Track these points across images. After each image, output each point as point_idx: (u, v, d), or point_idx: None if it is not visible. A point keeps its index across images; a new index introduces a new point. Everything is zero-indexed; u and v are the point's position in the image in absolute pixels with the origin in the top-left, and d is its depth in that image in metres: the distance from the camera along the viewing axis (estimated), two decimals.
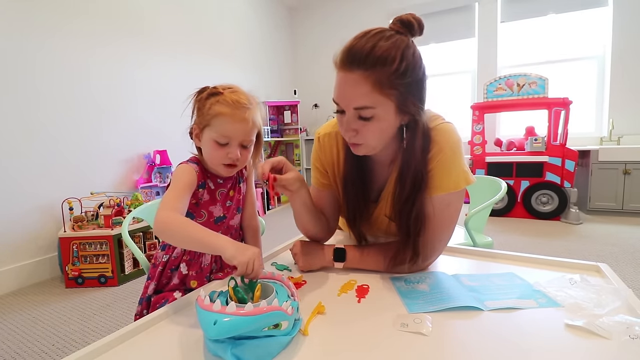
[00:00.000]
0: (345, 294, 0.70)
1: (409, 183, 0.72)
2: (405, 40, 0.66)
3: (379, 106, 0.66)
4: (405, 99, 0.67)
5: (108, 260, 2.13)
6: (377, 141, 0.72)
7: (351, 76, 0.65)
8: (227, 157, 0.79)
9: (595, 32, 3.79)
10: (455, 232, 1.61)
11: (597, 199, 3.34)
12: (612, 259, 2.26)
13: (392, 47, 0.64)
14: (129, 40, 2.84)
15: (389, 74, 0.64)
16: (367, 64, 0.63)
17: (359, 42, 0.65)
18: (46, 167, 2.29)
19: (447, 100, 4.52)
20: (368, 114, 0.67)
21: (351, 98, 0.67)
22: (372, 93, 0.65)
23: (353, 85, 0.66)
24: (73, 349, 1.48)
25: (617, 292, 0.60)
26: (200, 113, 0.80)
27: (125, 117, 2.79)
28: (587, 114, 3.90)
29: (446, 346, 0.51)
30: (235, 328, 0.45)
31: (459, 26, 4.32)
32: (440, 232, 0.77)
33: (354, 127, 0.69)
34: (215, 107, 0.77)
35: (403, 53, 0.64)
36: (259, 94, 0.88)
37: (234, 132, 0.78)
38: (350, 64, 0.65)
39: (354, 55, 0.64)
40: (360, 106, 0.66)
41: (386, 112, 0.67)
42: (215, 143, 0.78)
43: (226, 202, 0.88)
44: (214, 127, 0.78)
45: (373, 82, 0.64)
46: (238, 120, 0.77)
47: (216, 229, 0.86)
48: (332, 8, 4.98)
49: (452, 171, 0.74)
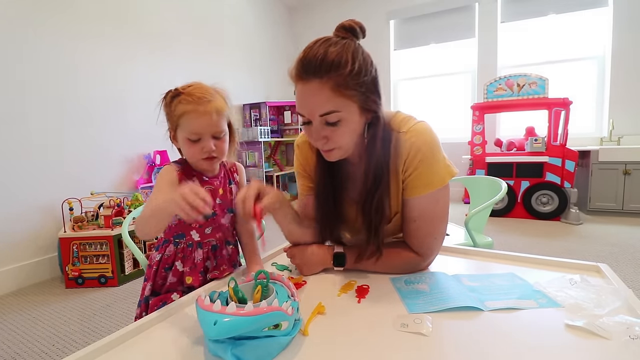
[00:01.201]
0: (345, 294, 0.70)
1: (371, 176, 0.74)
2: (352, 44, 0.69)
3: (343, 109, 0.68)
4: (366, 98, 0.69)
5: (108, 260, 2.13)
6: (349, 142, 0.73)
7: (310, 86, 0.67)
8: (202, 151, 0.82)
9: (596, 32, 3.79)
10: (455, 233, 1.63)
11: (597, 199, 3.34)
12: (612, 259, 2.26)
13: (342, 51, 0.66)
14: (129, 40, 2.84)
15: (345, 76, 0.66)
16: (322, 71, 0.65)
17: (310, 52, 0.67)
18: (46, 168, 2.29)
19: (447, 101, 4.52)
20: (334, 119, 0.68)
21: (314, 106, 0.68)
22: (334, 97, 0.67)
23: (313, 94, 0.67)
24: (73, 349, 1.48)
25: (617, 293, 0.60)
26: (169, 116, 0.83)
27: (125, 117, 2.79)
28: (587, 114, 3.90)
29: (446, 346, 0.51)
30: (235, 328, 0.45)
31: (459, 26, 4.32)
32: (434, 229, 0.78)
33: (324, 135, 0.71)
34: (179, 107, 0.80)
35: (353, 55, 0.67)
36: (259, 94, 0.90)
37: (201, 126, 0.80)
38: (306, 73, 0.67)
39: (308, 64, 0.66)
40: (325, 112, 0.68)
41: (351, 113, 0.69)
42: (188, 141, 0.81)
43: (216, 199, 0.89)
44: (182, 127, 0.81)
45: (332, 87, 0.66)
46: (202, 115, 0.79)
47: (206, 225, 0.88)
48: (332, 8, 4.99)
49: (435, 168, 0.75)
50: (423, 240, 0.78)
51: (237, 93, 4.12)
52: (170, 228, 0.88)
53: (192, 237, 0.87)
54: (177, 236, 0.87)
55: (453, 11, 4.31)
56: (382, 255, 0.78)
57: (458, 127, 4.44)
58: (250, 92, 4.32)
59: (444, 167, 0.76)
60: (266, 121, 4.16)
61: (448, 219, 0.83)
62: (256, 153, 4.02)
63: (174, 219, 0.86)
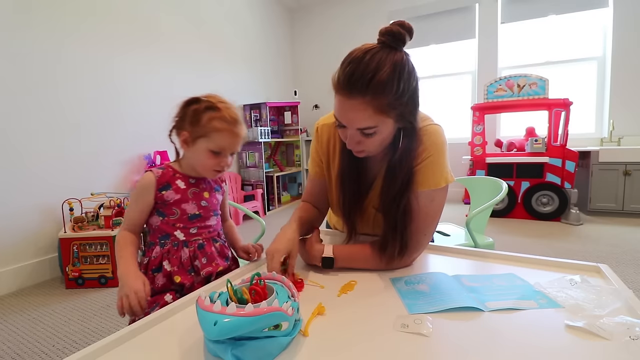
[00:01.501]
0: (345, 294, 0.70)
1: (399, 180, 0.77)
2: (400, 56, 0.69)
3: (380, 124, 0.71)
4: (403, 113, 0.72)
5: (108, 261, 2.13)
6: (379, 148, 0.77)
7: (353, 102, 0.68)
8: (219, 165, 0.87)
9: (596, 33, 3.79)
10: (456, 233, 1.63)
11: (598, 199, 3.34)
12: (613, 260, 2.26)
13: (391, 72, 0.66)
14: (129, 41, 2.84)
15: (390, 98, 0.68)
16: (369, 92, 0.66)
17: (359, 67, 0.66)
18: (46, 168, 2.29)
19: (448, 101, 4.52)
20: (370, 132, 0.72)
21: (353, 121, 0.71)
22: (374, 116, 0.69)
23: (355, 110, 0.69)
24: (73, 350, 1.48)
25: (617, 293, 0.60)
26: (196, 124, 0.85)
27: (125, 117, 2.79)
28: (587, 115, 3.90)
29: (446, 347, 0.51)
30: (235, 329, 0.45)
31: (459, 27, 4.32)
32: (424, 226, 0.82)
33: (357, 140, 0.75)
34: (215, 122, 0.83)
35: (399, 74, 0.67)
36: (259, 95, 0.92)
37: (228, 145, 0.87)
38: (351, 89, 0.67)
39: (355, 81, 0.66)
40: (363, 127, 0.71)
41: (387, 126, 0.72)
42: (210, 153, 0.86)
43: (201, 202, 0.91)
44: (211, 140, 0.85)
45: (374, 108, 0.68)
46: (233, 136, 0.86)
47: (191, 225, 0.89)
48: (333, 9, 4.99)
49: (436, 170, 0.80)
50: (411, 236, 0.80)
51: (237, 93, 4.13)
52: (155, 230, 0.89)
53: (177, 237, 0.88)
54: (162, 237, 0.88)
55: (453, 12, 4.31)
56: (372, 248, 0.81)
57: (458, 128, 4.45)
58: (250, 93, 4.32)
59: (442, 172, 0.80)
60: (266, 122, 4.16)
61: (439, 220, 0.86)
62: (256, 153, 4.02)
63: (156, 220, 0.88)
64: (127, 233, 0.87)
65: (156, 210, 0.88)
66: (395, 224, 0.79)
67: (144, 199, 0.87)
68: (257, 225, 1.42)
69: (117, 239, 0.86)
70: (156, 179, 0.87)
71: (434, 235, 1.60)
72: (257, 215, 1.43)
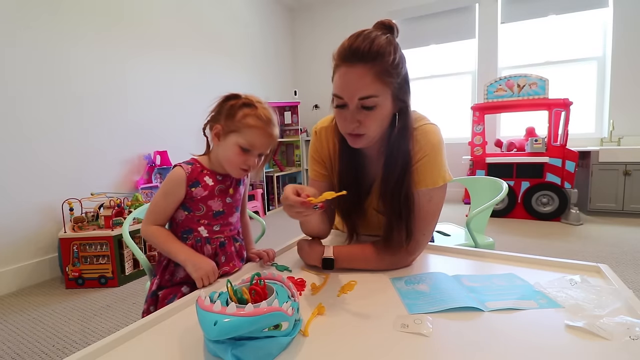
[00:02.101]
0: (345, 294, 0.70)
1: (399, 165, 0.79)
2: (393, 39, 0.76)
3: (380, 94, 0.74)
4: (401, 87, 0.77)
5: (108, 261, 2.13)
6: (377, 130, 0.78)
7: (355, 70, 0.73)
8: (245, 163, 0.87)
9: (596, 33, 3.79)
10: (456, 233, 1.63)
11: (598, 199, 3.34)
12: (613, 260, 2.26)
13: (387, 43, 0.73)
14: (129, 40, 2.84)
15: (387, 65, 0.72)
16: (369, 58, 0.71)
17: (358, 40, 0.73)
18: (46, 168, 2.29)
19: (448, 101, 4.52)
20: (371, 103, 0.74)
21: (356, 89, 0.73)
22: (375, 82, 0.72)
23: (358, 77, 0.73)
24: (73, 350, 1.48)
25: (617, 293, 0.60)
26: (230, 118, 0.85)
27: (125, 117, 2.79)
28: (587, 115, 3.90)
29: (446, 347, 0.51)
30: (235, 329, 0.45)
31: (459, 27, 4.32)
32: (423, 225, 0.82)
33: (358, 118, 0.76)
34: (249, 119, 0.84)
35: (395, 48, 0.74)
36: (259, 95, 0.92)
37: (260, 144, 0.86)
38: (354, 58, 0.72)
39: (356, 51, 0.72)
40: (365, 95, 0.73)
41: (386, 99, 0.75)
42: (239, 148, 0.85)
43: (226, 199, 0.91)
44: (243, 135, 0.85)
45: (375, 73, 0.72)
46: (266, 135, 0.86)
47: (215, 222, 0.90)
48: (333, 9, 4.99)
49: (434, 169, 0.81)
50: (414, 231, 0.81)
51: None
52: (178, 224, 0.90)
53: (200, 233, 0.88)
54: (185, 232, 0.89)
55: (453, 12, 4.31)
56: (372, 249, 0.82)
57: (458, 128, 4.45)
58: (250, 93, 4.31)
59: (441, 171, 0.82)
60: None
61: (438, 220, 0.87)
62: None
63: (181, 214, 0.89)
64: (157, 227, 0.88)
65: (182, 204, 0.88)
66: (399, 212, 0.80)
67: (175, 193, 0.87)
68: (257, 225, 1.42)
69: (152, 232, 0.87)
70: (187, 175, 0.86)
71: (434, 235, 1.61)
72: (257, 215, 1.43)
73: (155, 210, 0.88)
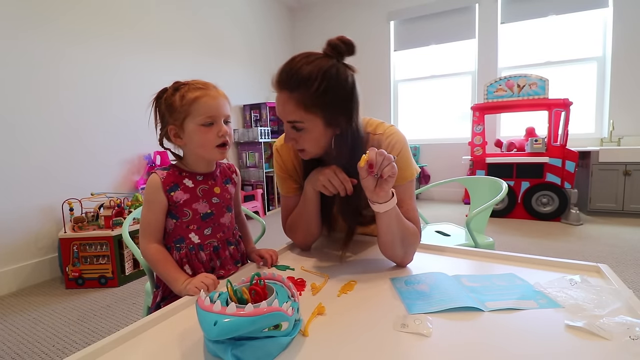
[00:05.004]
0: (345, 294, 0.70)
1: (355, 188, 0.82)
2: (329, 63, 0.76)
3: (306, 121, 0.77)
4: (330, 115, 0.77)
5: (108, 261, 2.13)
6: (314, 148, 0.82)
7: (281, 96, 0.78)
8: (217, 136, 0.82)
9: (596, 33, 3.79)
10: (456, 233, 1.63)
11: (598, 200, 3.34)
12: (613, 260, 2.26)
13: (313, 70, 0.74)
14: (130, 40, 2.84)
15: (310, 95, 0.74)
16: (291, 86, 0.75)
17: (287, 66, 0.76)
18: (46, 168, 2.29)
19: (448, 101, 4.52)
20: (299, 127, 0.78)
21: (283, 114, 0.79)
22: (297, 110, 0.76)
23: (282, 103, 0.78)
24: (73, 350, 1.48)
25: (617, 293, 0.60)
26: (173, 110, 0.82)
27: (125, 117, 2.79)
28: (587, 115, 3.90)
29: (446, 347, 0.51)
30: (235, 329, 0.45)
31: (459, 27, 4.32)
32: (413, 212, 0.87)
33: (292, 137, 0.81)
34: (188, 95, 0.80)
35: (324, 75, 0.74)
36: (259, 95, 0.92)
37: (216, 108, 0.82)
38: (279, 84, 0.77)
39: (281, 77, 0.76)
40: (290, 120, 0.78)
41: (314, 125, 0.78)
42: (202, 127, 0.81)
43: (212, 199, 0.88)
44: (195, 113, 0.80)
45: (296, 102, 0.75)
46: (214, 98, 0.82)
47: (205, 225, 0.86)
48: (332, 9, 4.99)
49: (408, 164, 0.87)
50: (413, 217, 0.86)
51: (237, 93, 4.13)
52: (169, 233, 0.86)
53: (192, 240, 0.85)
54: (176, 240, 0.86)
55: (453, 12, 4.31)
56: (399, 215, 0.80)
57: (458, 128, 4.45)
58: (250, 93, 4.32)
59: (412, 165, 0.89)
60: (266, 122, 4.16)
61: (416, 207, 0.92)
62: (256, 154, 4.02)
63: (170, 223, 0.85)
64: (156, 246, 0.83)
65: (168, 212, 0.85)
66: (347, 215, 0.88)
67: (155, 200, 0.83)
68: (257, 226, 1.42)
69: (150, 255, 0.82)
70: (161, 180, 0.83)
71: (432, 235, 1.61)
72: (257, 215, 1.43)
73: (146, 226, 0.84)
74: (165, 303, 0.85)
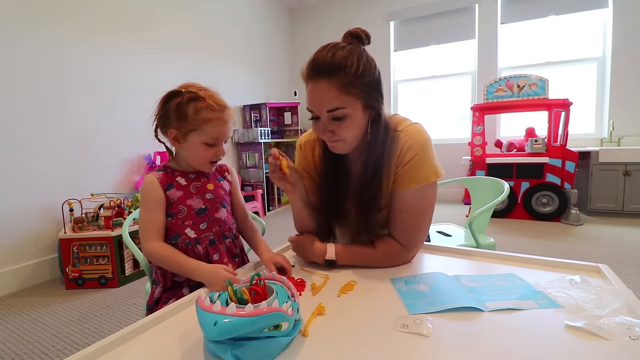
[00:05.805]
0: (345, 294, 0.70)
1: (370, 169, 0.82)
2: (357, 48, 0.77)
3: (348, 105, 0.76)
4: (370, 96, 0.78)
5: (108, 261, 2.13)
6: (353, 136, 0.80)
7: (319, 84, 0.76)
8: (215, 155, 0.87)
9: (596, 33, 3.79)
10: (457, 233, 1.63)
11: (598, 200, 3.34)
12: (613, 260, 2.26)
13: (348, 55, 0.75)
14: (130, 40, 2.84)
15: (350, 77, 0.74)
16: (330, 72, 0.74)
17: (320, 55, 0.76)
18: (46, 168, 2.29)
19: (448, 102, 4.52)
20: (340, 114, 0.76)
21: (322, 103, 0.77)
22: (340, 95, 0.75)
23: (322, 92, 0.76)
24: (73, 350, 1.48)
25: (617, 293, 0.60)
26: (183, 119, 0.83)
27: (125, 118, 2.79)
28: (587, 116, 3.90)
29: (446, 347, 0.51)
30: (235, 329, 0.45)
31: (459, 27, 4.32)
32: (419, 221, 0.85)
33: (330, 129, 0.79)
34: (203, 113, 0.82)
35: (358, 58, 0.76)
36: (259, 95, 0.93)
37: (222, 133, 0.86)
38: (316, 74, 0.76)
39: (317, 66, 0.75)
40: (332, 108, 0.76)
41: (355, 109, 0.77)
42: (204, 145, 0.85)
43: (205, 195, 0.90)
44: (204, 132, 0.83)
45: (338, 86, 0.74)
46: (225, 123, 0.85)
47: (200, 220, 0.88)
48: (333, 9, 4.99)
49: (424, 166, 0.82)
50: (408, 232, 0.84)
51: (237, 94, 4.13)
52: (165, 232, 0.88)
53: (188, 234, 0.87)
54: (173, 237, 0.87)
55: (453, 12, 4.31)
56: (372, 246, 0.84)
57: (458, 128, 4.45)
58: (250, 93, 4.32)
59: (431, 167, 0.83)
60: (266, 122, 4.16)
61: (432, 215, 0.88)
62: (256, 154, 4.02)
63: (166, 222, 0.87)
64: (161, 244, 0.83)
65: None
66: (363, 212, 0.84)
67: (154, 198, 0.84)
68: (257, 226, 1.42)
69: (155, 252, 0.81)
70: (158, 180, 0.86)
71: (433, 235, 1.61)
72: (257, 215, 1.43)
73: (147, 226, 0.84)
74: (165, 295, 0.87)
